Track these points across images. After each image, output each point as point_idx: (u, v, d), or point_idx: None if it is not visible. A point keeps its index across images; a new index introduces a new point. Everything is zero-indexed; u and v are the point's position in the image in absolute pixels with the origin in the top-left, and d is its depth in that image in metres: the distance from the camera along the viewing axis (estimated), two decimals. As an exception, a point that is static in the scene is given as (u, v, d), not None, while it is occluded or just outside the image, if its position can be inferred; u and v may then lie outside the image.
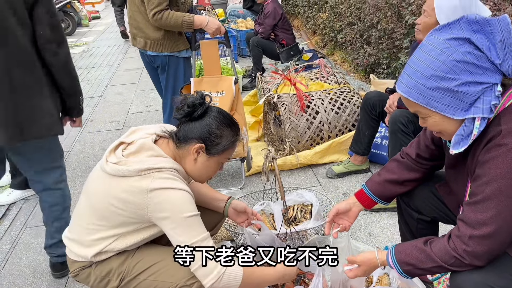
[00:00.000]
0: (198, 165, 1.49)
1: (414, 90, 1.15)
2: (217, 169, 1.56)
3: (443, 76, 1.10)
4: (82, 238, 1.49)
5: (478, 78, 1.09)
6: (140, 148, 1.44)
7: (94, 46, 8.32)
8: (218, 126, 1.46)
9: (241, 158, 2.83)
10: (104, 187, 1.43)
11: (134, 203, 1.37)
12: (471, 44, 1.08)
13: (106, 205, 1.42)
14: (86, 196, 1.51)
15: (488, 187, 1.12)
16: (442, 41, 1.11)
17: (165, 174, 1.38)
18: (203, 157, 1.48)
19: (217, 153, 1.48)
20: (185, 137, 1.46)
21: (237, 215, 1.84)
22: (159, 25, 2.64)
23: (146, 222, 1.43)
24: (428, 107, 1.15)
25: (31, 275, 2.19)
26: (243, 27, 6.55)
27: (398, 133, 2.35)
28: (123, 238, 1.47)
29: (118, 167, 1.39)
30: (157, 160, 1.41)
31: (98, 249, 1.46)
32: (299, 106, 3.12)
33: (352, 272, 1.43)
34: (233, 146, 1.53)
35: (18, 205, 2.86)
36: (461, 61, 1.08)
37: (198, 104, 1.44)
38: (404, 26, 3.93)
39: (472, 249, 1.14)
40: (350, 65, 5.42)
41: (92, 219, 1.47)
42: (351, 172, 2.95)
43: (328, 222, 1.65)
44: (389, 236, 2.30)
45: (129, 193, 1.37)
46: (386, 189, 1.61)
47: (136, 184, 1.36)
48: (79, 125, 2.08)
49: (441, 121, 1.18)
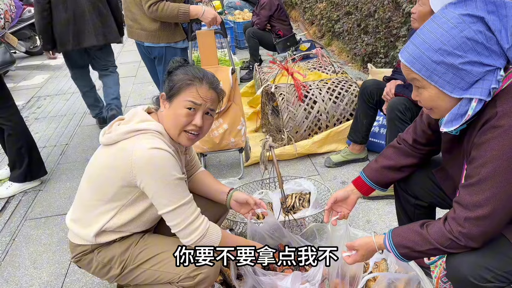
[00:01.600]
0: (166, 114, 1.50)
1: (418, 60, 1.14)
2: (185, 115, 1.46)
3: (450, 51, 1.09)
4: (83, 216, 1.52)
5: (484, 59, 1.08)
6: (131, 117, 1.50)
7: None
8: (175, 73, 1.50)
9: (239, 148, 2.84)
10: (99, 158, 1.50)
11: (121, 166, 1.40)
12: (484, 24, 1.07)
13: (99, 175, 1.47)
14: (86, 172, 1.55)
15: (484, 169, 1.12)
16: (456, 16, 1.09)
17: (148, 135, 1.42)
18: (167, 105, 1.50)
19: (174, 95, 1.48)
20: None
21: (240, 206, 1.83)
22: (155, 17, 2.62)
23: (136, 188, 1.44)
24: (428, 80, 1.14)
25: (31, 266, 2.20)
26: (240, 18, 6.52)
27: (396, 121, 2.35)
28: (120, 213, 1.49)
29: (109, 134, 1.46)
30: (144, 123, 1.46)
31: (98, 227, 1.48)
32: (296, 96, 3.11)
33: (351, 258, 1.44)
34: (188, 87, 1.46)
35: (17, 198, 2.87)
36: (471, 39, 1.07)
37: (175, 68, 1.51)
38: (401, 15, 3.91)
39: (468, 230, 1.15)
40: (347, 55, 5.41)
41: (90, 194, 1.50)
42: (349, 161, 2.95)
43: (327, 210, 1.66)
44: (387, 223, 2.31)
45: (117, 157, 1.42)
46: (384, 175, 1.61)
47: (122, 147, 1.41)
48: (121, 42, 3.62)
49: (437, 96, 1.17)
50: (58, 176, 3.12)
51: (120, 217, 1.49)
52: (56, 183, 3.02)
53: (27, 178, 2.92)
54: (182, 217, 1.43)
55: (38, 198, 2.85)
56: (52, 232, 2.48)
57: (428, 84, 1.16)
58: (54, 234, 2.45)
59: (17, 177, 2.88)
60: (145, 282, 1.52)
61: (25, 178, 2.91)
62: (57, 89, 5.33)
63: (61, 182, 3.03)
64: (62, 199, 2.82)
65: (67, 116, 4.37)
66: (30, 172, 2.91)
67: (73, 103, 4.75)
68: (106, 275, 1.55)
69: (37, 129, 4.10)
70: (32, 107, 4.77)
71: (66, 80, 5.69)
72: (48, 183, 3.03)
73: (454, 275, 1.21)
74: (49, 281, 2.09)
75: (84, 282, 2.05)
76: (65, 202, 2.78)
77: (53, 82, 5.65)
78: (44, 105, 4.79)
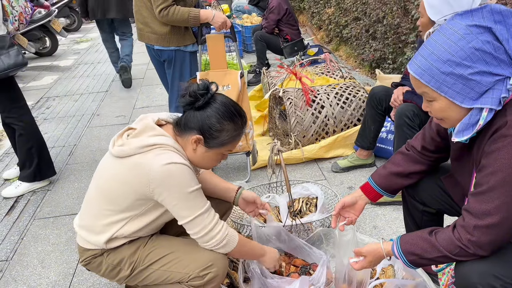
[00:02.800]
0: (198, 154, 1.49)
1: (427, 72, 1.14)
2: (218, 160, 1.55)
3: (459, 62, 1.09)
4: (93, 224, 1.52)
5: (493, 69, 1.09)
6: (143, 129, 1.46)
7: (99, 42, 8.27)
8: (218, 120, 1.43)
9: (246, 152, 2.85)
10: (111, 170, 1.47)
11: (137, 181, 1.39)
12: (492, 34, 1.08)
13: (112, 187, 1.45)
14: (95, 182, 1.54)
15: (493, 177, 1.13)
16: (463, 27, 1.10)
17: (165, 150, 1.40)
18: (202, 149, 1.47)
19: (216, 146, 1.47)
20: (186, 126, 1.46)
21: (246, 205, 1.86)
22: (166, 21, 2.65)
23: (151, 201, 1.44)
24: (438, 91, 1.15)
25: (39, 265, 2.22)
26: (248, 22, 6.54)
27: (404, 127, 2.35)
28: (132, 222, 1.49)
29: (121, 148, 1.42)
30: (158, 138, 1.43)
31: (109, 234, 1.48)
32: (304, 101, 3.12)
33: (358, 264, 1.44)
34: (234, 141, 1.50)
35: (26, 197, 2.90)
36: (479, 50, 1.08)
37: (200, 94, 1.42)
38: (410, 21, 3.91)
39: (477, 239, 1.15)
40: (355, 60, 5.41)
41: (101, 204, 1.49)
42: (356, 166, 2.95)
43: (334, 216, 1.66)
44: (394, 229, 2.31)
45: (132, 171, 1.39)
46: (392, 181, 1.62)
47: (138, 161, 1.38)
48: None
49: (447, 107, 1.17)
50: (67, 177, 3.15)
51: (131, 226, 1.49)
52: (65, 183, 3.05)
53: (36, 178, 2.94)
54: (201, 226, 1.44)
55: (46, 198, 2.88)
56: (60, 232, 2.50)
57: (438, 95, 1.16)
58: (62, 234, 2.47)
59: (27, 176, 2.91)
60: (155, 282, 1.53)
61: (35, 178, 2.93)
62: (66, 90, 5.38)
63: (70, 183, 3.06)
64: (71, 199, 2.84)
65: (75, 117, 4.41)
66: (39, 172, 2.93)
67: (81, 104, 4.79)
68: (116, 277, 1.56)
69: (46, 129, 4.14)
70: (41, 107, 4.81)
71: (75, 81, 5.74)
72: (56, 183, 3.06)
73: (463, 283, 1.21)
74: (56, 280, 2.11)
75: (92, 282, 2.07)
76: (73, 202, 2.80)
77: (62, 83, 5.70)
78: (53, 106, 4.83)
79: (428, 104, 1.23)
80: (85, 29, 9.85)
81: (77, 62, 6.84)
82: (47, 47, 7.25)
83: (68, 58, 7.12)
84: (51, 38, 7.21)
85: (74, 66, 6.59)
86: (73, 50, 7.78)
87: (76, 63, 6.78)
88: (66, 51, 7.72)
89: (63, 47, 8.03)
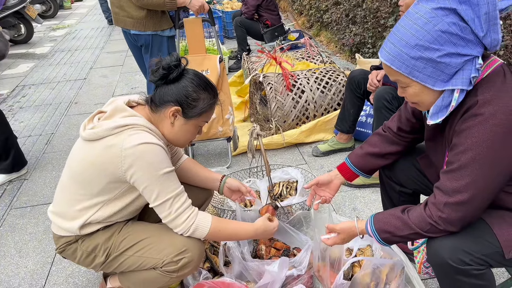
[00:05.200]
0: (175, 128, 1.48)
1: (397, 58, 1.15)
2: (195, 133, 1.54)
3: (427, 46, 1.10)
4: (66, 210, 1.49)
5: (461, 50, 1.10)
6: (113, 111, 1.44)
7: (77, 29, 8.14)
8: (194, 89, 1.44)
9: (227, 137, 2.84)
10: (82, 153, 1.44)
11: (109, 163, 1.37)
12: (457, 15, 1.08)
13: (85, 172, 1.42)
14: (68, 167, 1.51)
15: (464, 155, 1.15)
16: (428, 10, 1.10)
17: (137, 130, 1.38)
18: (180, 121, 1.47)
19: (194, 116, 1.47)
20: (161, 100, 1.44)
21: (231, 193, 1.85)
22: (141, 5, 2.59)
23: (124, 184, 1.42)
24: (409, 76, 1.16)
25: (17, 255, 2.19)
26: (229, 8, 6.47)
27: (383, 110, 2.38)
28: (105, 207, 1.47)
29: (92, 130, 1.40)
30: (130, 118, 1.41)
31: (83, 220, 1.46)
32: (284, 86, 3.12)
33: (331, 240, 1.46)
34: (211, 109, 1.52)
35: (2, 187, 2.83)
36: (446, 32, 1.08)
37: (174, 66, 1.42)
38: (389, 5, 3.93)
39: (447, 215, 1.17)
40: (336, 45, 5.42)
41: (73, 189, 1.47)
42: (336, 150, 2.97)
43: (310, 194, 1.68)
44: (373, 211, 2.34)
45: (104, 153, 1.37)
46: (368, 162, 1.64)
47: (110, 143, 1.36)
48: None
49: (421, 91, 1.19)
50: (44, 166, 3.09)
51: (105, 210, 1.47)
52: (42, 172, 2.99)
53: (14, 169, 2.89)
54: (169, 211, 1.43)
55: (23, 187, 2.82)
56: (37, 221, 2.46)
57: (410, 81, 1.18)
58: (40, 223, 2.44)
59: (5, 168, 2.85)
60: (130, 268, 1.52)
61: (13, 169, 2.88)
62: (42, 78, 5.25)
63: (47, 171, 3.00)
64: (48, 188, 2.80)
65: (52, 105, 4.31)
66: (17, 163, 2.88)
67: (59, 92, 4.68)
68: (91, 264, 1.54)
69: (22, 118, 4.04)
70: (17, 96, 4.69)
71: (51, 69, 5.60)
72: (33, 172, 3.00)
73: (434, 258, 1.24)
74: (35, 269, 2.08)
75: (71, 271, 2.05)
76: (51, 191, 2.76)
77: (38, 71, 5.56)
78: (29, 94, 4.71)
79: (403, 91, 1.24)
80: (62, 16, 9.60)
81: (53, 49, 6.67)
82: (22, 34, 7.04)
83: (44, 46, 6.93)
84: (26, 25, 7.01)
85: (50, 53, 6.43)
86: (49, 37, 7.57)
87: (52, 50, 6.61)
88: (42, 38, 7.51)
89: (39, 34, 7.81)
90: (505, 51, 2.71)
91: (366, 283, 1.63)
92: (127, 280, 1.61)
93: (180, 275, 1.51)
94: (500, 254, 1.20)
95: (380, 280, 1.63)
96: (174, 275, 1.49)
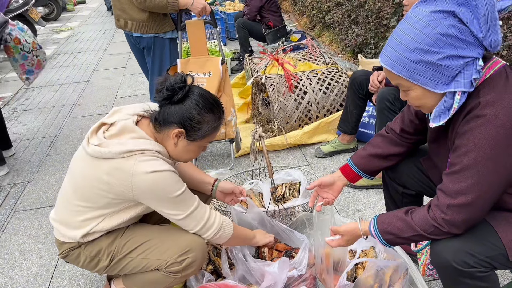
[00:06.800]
0: (179, 149, 1.46)
1: (397, 62, 1.15)
2: (199, 152, 1.54)
3: (427, 50, 1.10)
4: (69, 219, 1.49)
5: (461, 52, 1.09)
6: (122, 130, 1.41)
7: (79, 31, 8.17)
8: (199, 111, 1.40)
9: (230, 139, 2.84)
10: (87, 169, 1.41)
11: (118, 185, 1.36)
12: (456, 17, 1.08)
13: (90, 187, 1.41)
14: (71, 178, 1.50)
15: (466, 157, 1.14)
16: (427, 14, 1.10)
17: (147, 157, 1.36)
18: (183, 142, 1.45)
19: (198, 139, 1.45)
20: (165, 121, 1.42)
21: (224, 196, 1.86)
22: (143, 7, 2.60)
23: (132, 201, 1.43)
24: (410, 80, 1.16)
25: (20, 258, 2.20)
26: (231, 9, 6.48)
27: (385, 111, 2.37)
28: (110, 218, 1.47)
29: (99, 149, 1.37)
30: (139, 142, 1.38)
31: (86, 230, 1.46)
32: (287, 87, 3.11)
33: (335, 242, 1.46)
34: (215, 131, 1.49)
35: (6, 190, 2.85)
36: (445, 35, 1.08)
37: (178, 88, 1.38)
38: (391, 5, 3.92)
39: (450, 217, 1.17)
40: (338, 46, 5.41)
41: (77, 201, 1.46)
42: (339, 151, 2.97)
43: (312, 195, 1.68)
44: (376, 212, 2.34)
45: (112, 175, 1.36)
46: (371, 163, 1.63)
47: (118, 166, 1.34)
48: None
49: (422, 94, 1.19)
50: (47, 168, 3.10)
51: (109, 222, 1.47)
52: (45, 175, 3.00)
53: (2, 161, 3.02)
54: (196, 221, 1.47)
55: (27, 189, 2.83)
56: (41, 223, 2.47)
57: (412, 84, 1.17)
58: (44, 226, 2.44)
59: None
60: (134, 270, 1.52)
61: None
62: (45, 81, 5.27)
63: (50, 174, 3.01)
64: (51, 190, 2.80)
65: (56, 108, 4.33)
66: None
67: (62, 95, 4.70)
68: (95, 267, 1.55)
69: (26, 120, 4.06)
70: (21, 98, 4.71)
71: (54, 71, 5.63)
72: (37, 174, 3.01)
73: (438, 260, 1.23)
74: (39, 272, 2.09)
75: (75, 274, 2.05)
76: (54, 193, 2.76)
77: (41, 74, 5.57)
78: (32, 97, 4.73)
79: (405, 94, 1.24)
80: (65, 18, 9.64)
81: (56, 52, 6.69)
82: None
83: (47, 48, 6.96)
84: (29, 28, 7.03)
85: (53, 56, 6.45)
86: (52, 40, 7.61)
87: (55, 53, 6.64)
88: (45, 40, 7.54)
89: (42, 36, 7.85)
90: (508, 51, 2.70)
91: (369, 285, 1.62)
92: (131, 282, 1.62)
93: (184, 275, 1.52)
94: (504, 256, 1.19)
95: (383, 282, 1.62)
96: (178, 276, 1.50)
